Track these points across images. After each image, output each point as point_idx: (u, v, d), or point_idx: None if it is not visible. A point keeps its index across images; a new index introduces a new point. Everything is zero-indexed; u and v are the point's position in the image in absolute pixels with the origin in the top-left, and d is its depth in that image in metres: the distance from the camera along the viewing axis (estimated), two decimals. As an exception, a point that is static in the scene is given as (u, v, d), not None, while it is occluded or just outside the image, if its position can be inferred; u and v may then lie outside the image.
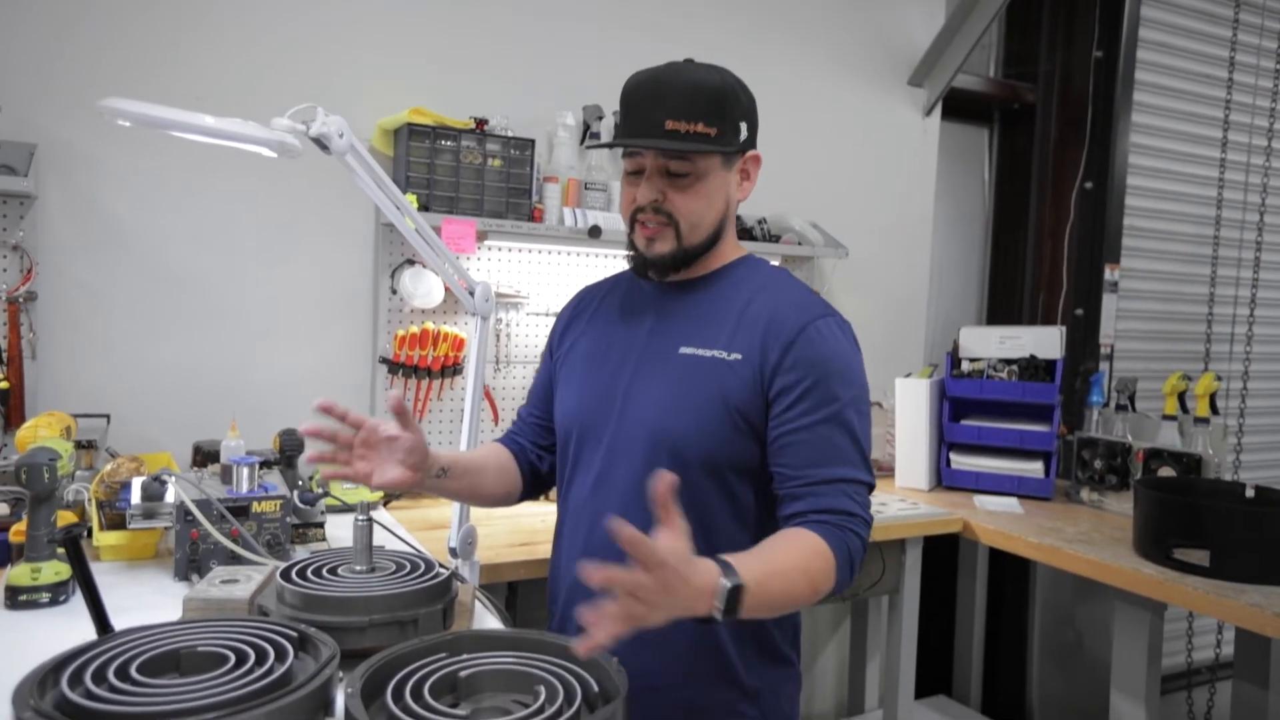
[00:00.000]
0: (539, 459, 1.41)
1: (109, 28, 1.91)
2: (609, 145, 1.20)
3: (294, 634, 0.97)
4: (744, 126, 1.19)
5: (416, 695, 0.89)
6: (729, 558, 0.97)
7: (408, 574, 1.15)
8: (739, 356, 1.17)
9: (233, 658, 0.91)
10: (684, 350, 1.20)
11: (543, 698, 0.89)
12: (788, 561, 1.05)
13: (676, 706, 1.20)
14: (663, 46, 2.48)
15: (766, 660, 1.23)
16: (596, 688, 0.92)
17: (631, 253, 1.26)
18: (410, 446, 1.13)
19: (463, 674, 0.94)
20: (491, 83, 2.30)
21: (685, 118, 1.12)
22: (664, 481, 0.90)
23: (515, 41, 2.33)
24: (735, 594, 0.94)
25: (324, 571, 1.14)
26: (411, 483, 1.15)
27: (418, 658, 0.96)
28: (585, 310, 1.38)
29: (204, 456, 1.83)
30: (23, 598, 1.25)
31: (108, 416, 1.87)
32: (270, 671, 0.88)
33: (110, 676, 0.85)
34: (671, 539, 0.90)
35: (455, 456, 1.24)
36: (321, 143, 1.22)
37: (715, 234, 1.23)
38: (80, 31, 1.89)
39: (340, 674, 0.93)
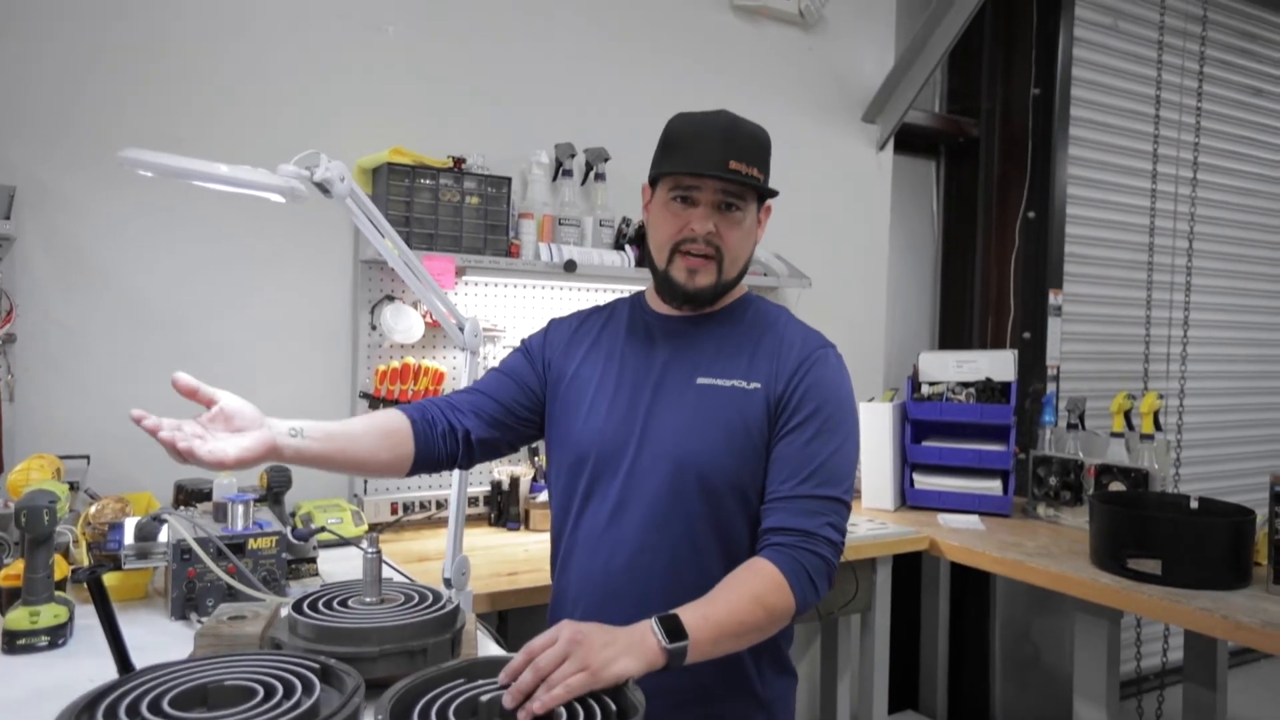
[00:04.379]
0: (455, 421, 1.32)
1: (88, 71, 1.92)
2: (680, 173, 1.24)
3: (316, 666, 0.99)
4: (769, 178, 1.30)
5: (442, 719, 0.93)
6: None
7: (417, 605, 1.18)
8: (757, 385, 1.25)
9: (261, 691, 0.93)
10: (701, 380, 1.27)
11: (564, 718, 0.93)
12: (732, 592, 1.12)
13: None
14: (629, 87, 2.59)
15: (778, 671, 1.30)
16: (615, 707, 0.97)
17: (666, 284, 1.29)
18: (234, 411, 1.05)
19: (483, 699, 0.98)
20: (468, 122, 2.35)
21: (746, 160, 1.22)
22: None
23: (490, 83, 2.39)
24: (671, 620, 1.04)
25: (335, 604, 1.17)
26: (262, 447, 1.05)
27: (436, 684, 1.00)
28: (586, 336, 1.40)
29: (187, 495, 1.82)
30: (21, 641, 1.24)
31: (88, 457, 1.86)
32: (299, 704, 0.90)
33: (143, 711, 0.87)
34: None
35: (315, 422, 1.15)
36: (324, 187, 1.26)
37: (744, 271, 1.32)
38: (58, 74, 1.89)
39: (363, 703, 0.96)
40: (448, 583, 1.55)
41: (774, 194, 1.29)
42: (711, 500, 1.23)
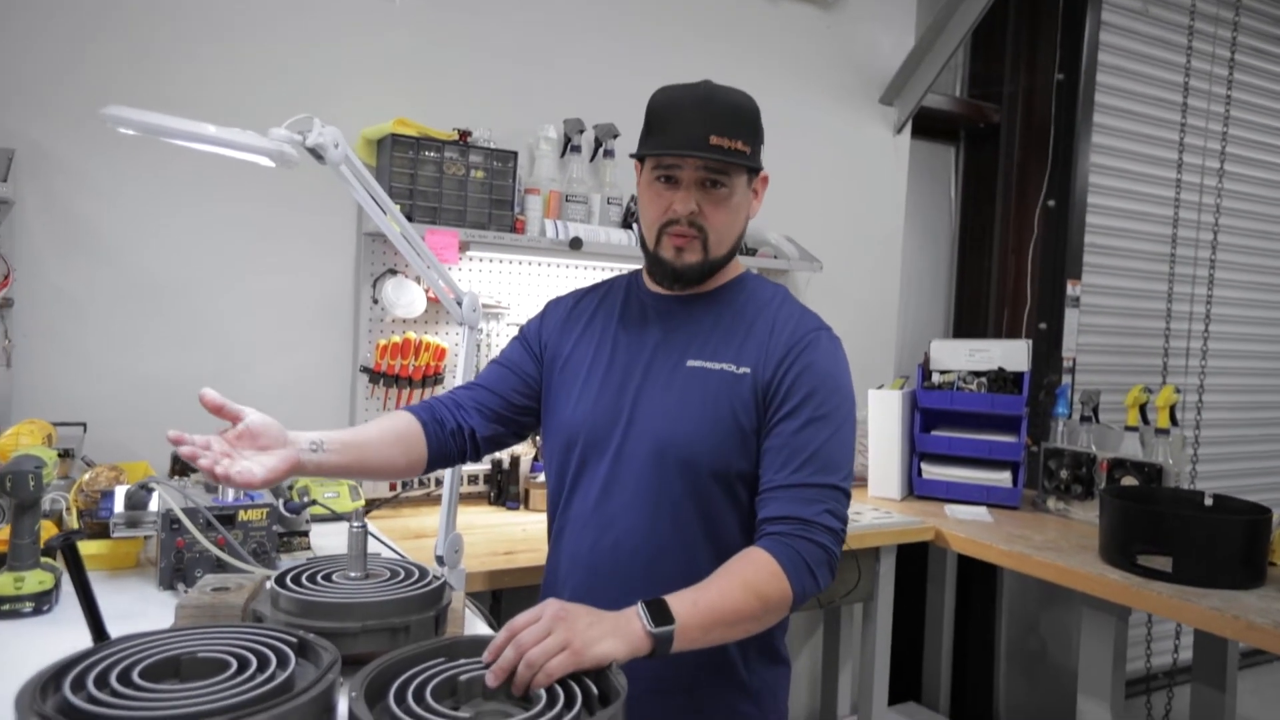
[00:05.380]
0: (489, 425, 1.33)
1: (90, 35, 1.90)
2: (656, 154, 1.20)
3: (294, 640, 0.97)
4: (761, 147, 1.26)
5: (419, 698, 0.90)
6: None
7: (402, 581, 1.16)
8: (747, 370, 1.21)
9: (234, 663, 0.91)
10: (692, 363, 1.23)
11: (544, 701, 0.91)
12: (725, 580, 1.08)
13: (682, 709, 1.22)
14: (642, 63, 2.54)
15: (766, 660, 1.27)
16: (596, 691, 0.94)
17: (655, 264, 1.26)
18: (259, 429, 1.05)
19: (462, 678, 0.95)
20: (475, 95, 2.32)
21: (728, 134, 1.17)
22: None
23: (498, 55, 2.36)
24: (658, 605, 1.01)
25: (319, 578, 1.15)
26: (287, 466, 1.05)
27: (416, 662, 0.97)
28: (581, 315, 1.38)
29: (182, 465, 1.81)
30: (5, 607, 1.23)
31: (84, 425, 1.85)
32: (273, 677, 0.88)
33: (113, 681, 0.85)
34: None
35: (333, 433, 1.15)
36: (317, 153, 1.23)
37: (735, 247, 1.28)
38: (59, 37, 1.87)
39: (340, 679, 0.94)
40: (440, 560, 1.53)
41: (759, 167, 1.25)
42: (695, 485, 1.20)
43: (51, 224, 1.89)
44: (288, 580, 1.13)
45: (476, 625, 1.32)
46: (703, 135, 1.16)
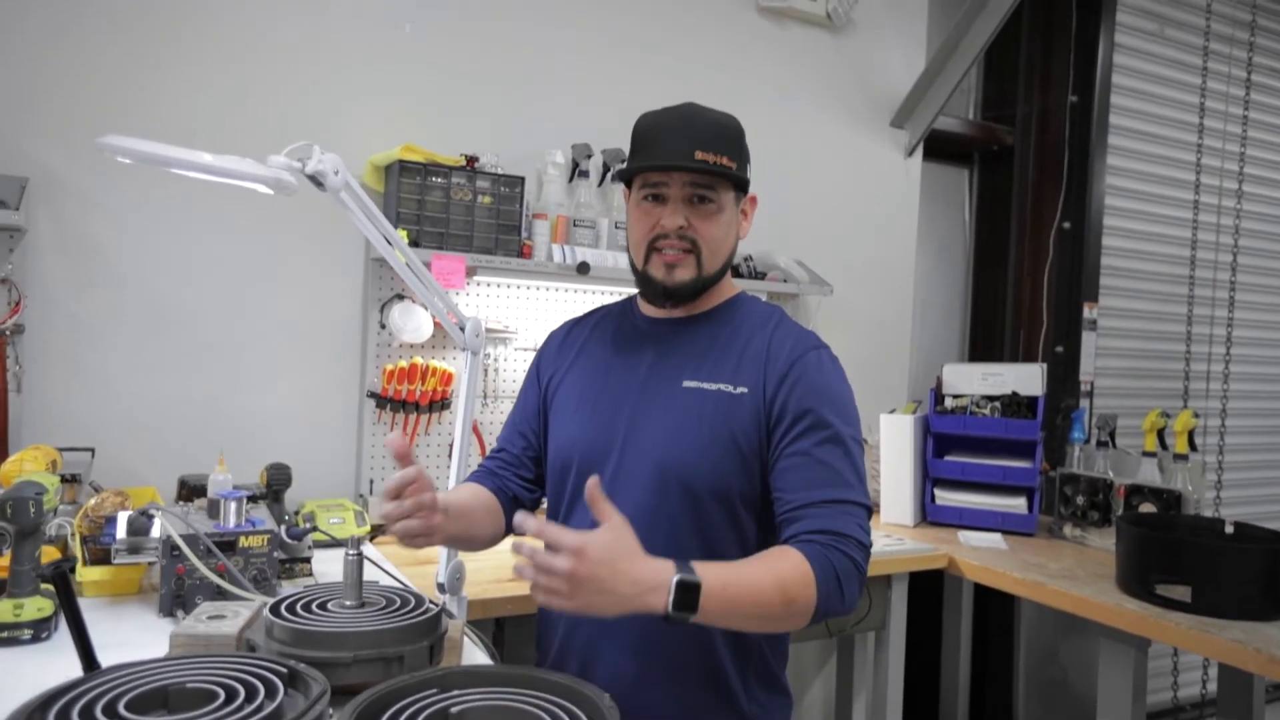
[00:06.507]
0: (529, 491, 1.40)
1: (103, 63, 1.93)
2: (642, 170, 1.21)
3: (284, 670, 0.96)
4: (748, 167, 1.26)
5: (407, 732, 0.89)
6: (693, 563, 1.01)
7: (397, 609, 1.15)
8: (745, 390, 1.20)
9: (222, 694, 0.90)
10: (687, 384, 1.23)
11: (532, 732, 0.89)
12: (757, 570, 1.06)
13: None
14: (651, 88, 2.54)
15: (766, 689, 1.25)
16: (586, 721, 0.92)
17: (646, 283, 1.27)
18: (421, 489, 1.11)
19: (454, 710, 0.94)
20: (482, 121, 2.34)
21: (712, 149, 1.18)
22: (592, 484, 1.00)
23: (506, 80, 2.37)
24: (689, 590, 0.98)
25: (313, 606, 1.14)
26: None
27: (408, 694, 0.96)
28: (574, 342, 1.39)
29: (189, 490, 1.82)
30: (4, 634, 1.23)
31: (92, 450, 1.86)
32: (260, 709, 0.87)
33: (98, 714, 0.84)
34: (605, 533, 0.98)
35: (449, 499, 1.19)
36: (317, 180, 1.24)
37: (726, 265, 1.28)
38: (74, 66, 1.91)
39: (330, 711, 0.92)
40: (441, 588, 1.52)
41: (746, 183, 1.25)
42: (696, 507, 1.19)
43: (63, 250, 1.91)
44: (282, 609, 1.12)
45: (476, 655, 1.30)
46: (688, 151, 1.17)
